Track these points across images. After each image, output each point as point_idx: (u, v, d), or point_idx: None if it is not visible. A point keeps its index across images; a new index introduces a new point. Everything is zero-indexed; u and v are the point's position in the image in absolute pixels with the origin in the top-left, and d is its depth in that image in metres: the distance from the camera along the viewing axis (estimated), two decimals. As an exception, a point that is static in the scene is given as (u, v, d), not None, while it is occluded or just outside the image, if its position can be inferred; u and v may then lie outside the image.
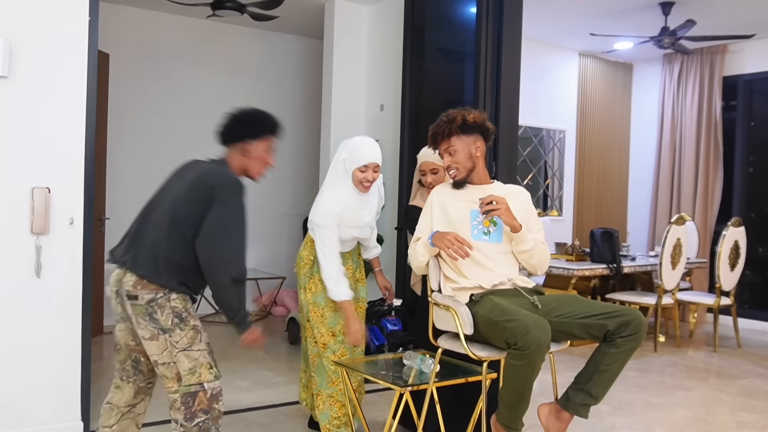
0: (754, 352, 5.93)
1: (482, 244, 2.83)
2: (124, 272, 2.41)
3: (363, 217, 3.30)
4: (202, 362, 2.40)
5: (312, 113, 7.34)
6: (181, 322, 2.38)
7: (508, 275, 2.82)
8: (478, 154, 2.90)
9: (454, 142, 2.86)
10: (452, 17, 5.38)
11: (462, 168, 2.87)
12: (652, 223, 7.89)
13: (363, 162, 3.17)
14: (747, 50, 7.13)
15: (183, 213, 2.37)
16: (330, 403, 3.28)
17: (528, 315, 2.49)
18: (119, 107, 6.18)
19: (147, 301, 2.35)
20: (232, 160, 2.57)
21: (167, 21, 6.59)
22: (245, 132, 2.55)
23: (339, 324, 3.33)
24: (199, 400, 2.37)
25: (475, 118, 2.87)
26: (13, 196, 3.15)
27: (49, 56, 3.22)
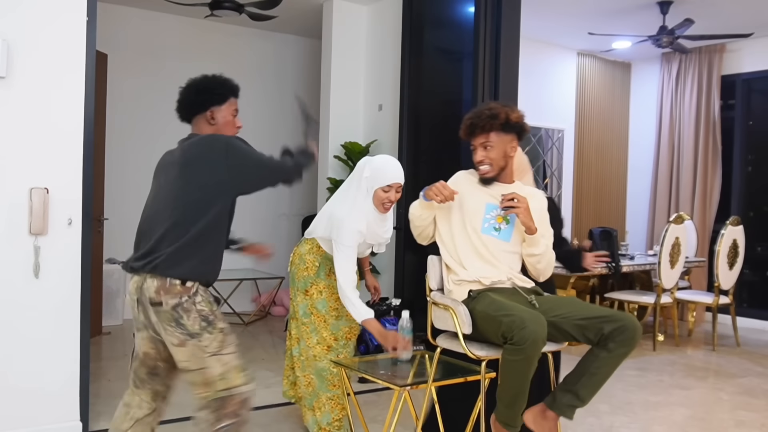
0: (752, 351, 5.93)
1: (490, 239, 2.81)
2: (143, 278, 2.31)
3: (382, 233, 3.28)
4: (232, 366, 2.32)
5: (310, 113, 7.33)
6: (209, 326, 2.29)
7: (509, 274, 2.82)
8: (512, 154, 2.86)
9: (492, 138, 2.80)
10: (450, 17, 5.39)
11: (495, 165, 2.82)
12: (651, 222, 7.89)
13: (387, 182, 3.13)
14: (745, 49, 7.14)
15: (198, 195, 2.30)
16: (331, 406, 3.28)
17: (525, 310, 2.50)
18: (117, 107, 6.17)
19: (172, 306, 2.26)
20: (202, 131, 2.48)
21: (165, 21, 6.58)
22: (209, 99, 2.47)
23: (341, 330, 3.33)
24: (229, 405, 2.29)
25: (519, 118, 2.84)
26: (12, 197, 3.15)
27: (48, 56, 3.22)
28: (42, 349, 3.22)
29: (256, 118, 6.89)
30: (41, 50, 3.20)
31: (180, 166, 2.35)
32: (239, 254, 3.01)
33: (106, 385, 4.28)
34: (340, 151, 5.97)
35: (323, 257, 3.33)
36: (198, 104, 2.48)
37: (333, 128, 6.07)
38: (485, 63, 4.57)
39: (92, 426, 3.48)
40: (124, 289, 6.23)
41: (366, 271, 3.67)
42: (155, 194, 2.47)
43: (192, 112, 2.50)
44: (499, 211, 2.81)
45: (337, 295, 3.31)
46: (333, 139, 6.06)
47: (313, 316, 3.32)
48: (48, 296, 3.23)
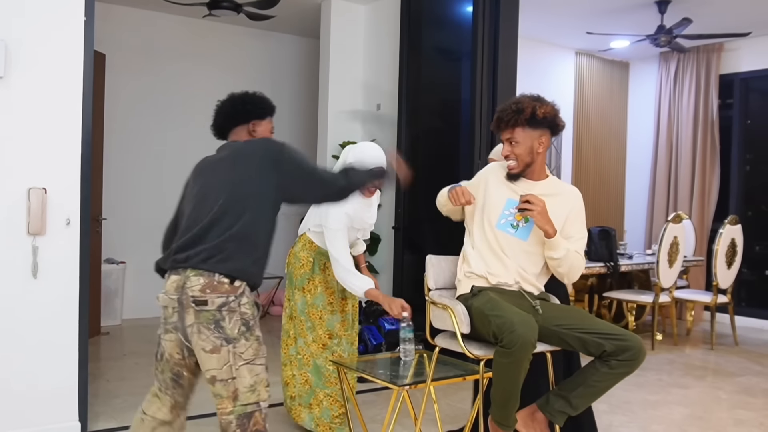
0: (751, 350, 5.93)
1: (504, 236, 2.76)
2: (186, 276, 2.18)
3: (368, 219, 3.34)
4: (262, 378, 2.24)
5: (309, 113, 7.34)
6: (248, 331, 2.20)
7: (517, 277, 2.76)
8: (540, 150, 2.77)
9: (517, 134, 2.73)
10: (449, 16, 5.39)
11: (520, 162, 2.76)
12: (649, 222, 7.89)
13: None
14: (743, 48, 7.14)
15: (252, 190, 2.25)
16: (329, 403, 3.30)
17: (516, 313, 2.47)
18: (115, 107, 6.16)
19: (218, 305, 2.15)
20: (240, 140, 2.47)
21: (163, 21, 6.58)
22: (252, 112, 2.48)
23: (336, 326, 3.34)
24: (254, 420, 2.20)
25: (546, 112, 2.73)
26: (10, 197, 3.14)
27: (45, 56, 3.21)
28: (40, 350, 3.22)
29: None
30: (39, 50, 3.20)
31: (231, 161, 2.32)
32: None
33: (105, 385, 4.28)
34: (338, 150, 5.96)
35: (317, 252, 3.36)
36: (242, 115, 2.48)
37: (331, 128, 6.07)
38: (483, 62, 4.57)
39: (91, 426, 3.47)
40: (123, 289, 6.22)
41: (363, 268, 3.68)
42: (200, 191, 2.35)
43: (234, 123, 2.49)
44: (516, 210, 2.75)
45: (331, 290, 3.36)
46: (331, 139, 6.06)
47: (310, 314, 3.33)
48: (46, 296, 3.22)
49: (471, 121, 4.67)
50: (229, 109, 2.50)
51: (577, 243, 2.76)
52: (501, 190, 2.80)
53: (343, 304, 3.44)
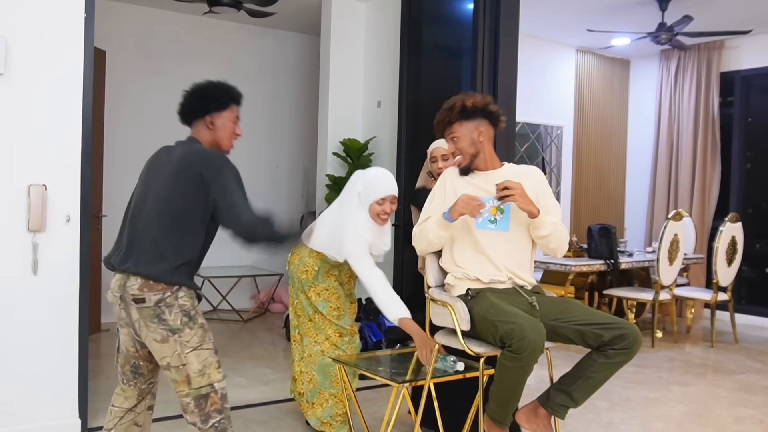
0: (751, 348, 5.94)
1: (487, 233, 2.77)
2: (127, 276, 2.33)
3: (381, 246, 3.27)
4: (211, 362, 2.35)
5: (309, 110, 7.33)
6: (190, 321, 2.33)
7: (509, 273, 2.78)
8: (482, 139, 2.80)
9: (455, 129, 2.80)
10: (449, 13, 5.38)
11: (465, 154, 2.80)
12: (650, 219, 7.89)
13: (381, 195, 3.14)
14: (744, 46, 7.13)
15: (181, 205, 2.33)
16: (334, 402, 3.31)
17: (525, 318, 2.47)
18: (116, 104, 6.16)
19: (155, 302, 2.29)
20: (200, 136, 2.50)
21: (164, 18, 6.57)
22: (209, 105, 2.49)
23: (345, 327, 3.34)
24: (211, 400, 2.33)
25: (475, 102, 2.79)
26: (10, 194, 3.14)
27: (46, 53, 3.21)
28: (40, 347, 3.22)
29: (255, 115, 6.88)
30: (39, 47, 3.20)
31: (174, 171, 2.37)
32: None
33: (105, 382, 4.28)
34: (339, 147, 5.96)
35: (322, 261, 3.35)
36: (199, 109, 2.49)
37: (332, 125, 6.07)
38: (484, 60, 4.57)
39: (91, 423, 3.48)
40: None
41: None
42: (143, 191, 2.47)
43: (192, 117, 2.51)
44: (492, 203, 2.74)
45: (336, 295, 3.34)
46: (332, 136, 6.06)
47: (315, 317, 3.34)
48: (46, 293, 3.23)
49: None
50: (188, 103, 2.52)
51: (556, 216, 2.81)
52: (466, 192, 2.78)
53: (351, 306, 3.46)
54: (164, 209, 2.34)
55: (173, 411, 3.61)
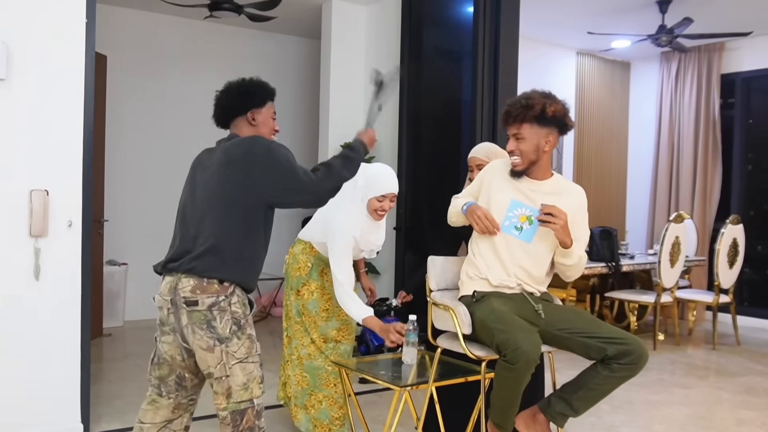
0: (753, 350, 5.93)
1: (509, 238, 2.71)
2: (178, 278, 2.25)
3: (375, 241, 3.29)
4: (255, 376, 2.28)
5: (310, 114, 7.34)
6: (239, 330, 2.25)
7: (518, 280, 2.73)
8: (547, 149, 2.69)
9: (525, 130, 2.66)
10: (450, 17, 5.39)
11: (525, 159, 2.68)
12: (651, 222, 7.89)
13: (382, 192, 3.14)
14: (744, 48, 7.13)
15: (234, 195, 2.27)
16: (328, 404, 3.29)
17: (520, 328, 2.45)
18: (117, 108, 6.17)
19: (208, 306, 2.21)
20: (242, 133, 2.47)
21: (164, 22, 6.59)
22: (249, 101, 2.47)
23: (330, 332, 3.33)
24: (247, 417, 2.25)
25: (556, 111, 2.66)
26: (12, 199, 3.15)
27: (47, 58, 3.22)
28: (42, 351, 3.22)
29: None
30: (41, 52, 3.20)
31: (220, 164, 2.33)
32: None
33: (107, 386, 4.28)
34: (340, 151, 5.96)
35: (316, 258, 3.34)
36: (239, 107, 2.47)
37: (333, 129, 6.07)
38: (484, 63, 4.57)
39: (93, 428, 3.48)
40: (125, 291, 6.23)
41: (361, 273, 3.67)
42: (190, 192, 2.42)
43: (233, 114, 2.49)
44: (523, 210, 2.68)
45: (328, 296, 3.33)
46: (333, 140, 6.06)
47: (304, 317, 3.33)
48: (48, 298, 3.23)
49: (472, 122, 4.67)
50: (226, 102, 2.50)
51: (583, 246, 2.75)
52: (505, 191, 2.73)
53: (340, 310, 3.35)
54: (216, 203, 2.29)
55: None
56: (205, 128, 4.50)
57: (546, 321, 2.62)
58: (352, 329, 3.41)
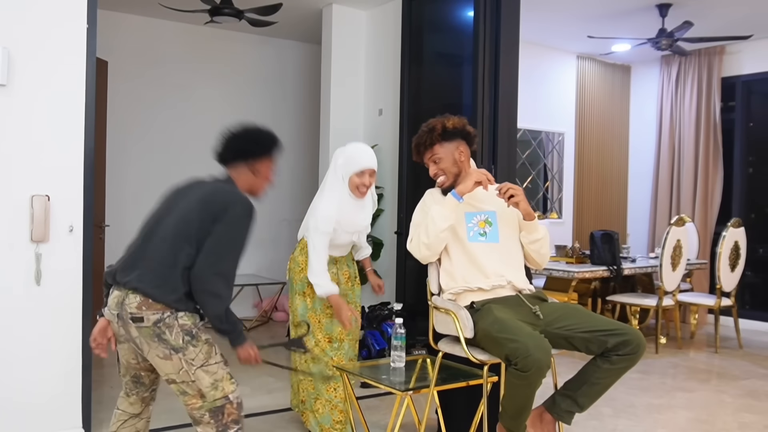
0: (755, 353, 5.92)
1: (479, 246, 2.84)
2: (125, 294, 2.28)
3: (360, 221, 3.35)
4: (221, 375, 2.31)
5: (311, 118, 7.35)
6: (193, 339, 2.27)
7: (508, 277, 2.80)
8: (463, 159, 2.92)
9: (437, 150, 2.90)
10: (450, 21, 5.39)
11: (449, 174, 2.90)
12: (652, 225, 7.89)
13: (359, 168, 3.23)
14: (745, 51, 7.14)
15: (195, 229, 2.28)
16: (329, 408, 3.30)
17: (530, 336, 2.45)
18: (118, 114, 6.18)
19: (153, 322, 2.23)
20: (239, 178, 2.48)
21: (165, 28, 6.60)
22: (255, 150, 2.48)
23: (335, 330, 3.34)
24: (228, 411, 2.30)
25: (455, 123, 2.90)
26: (13, 204, 3.15)
27: (48, 64, 3.22)
28: (44, 356, 3.22)
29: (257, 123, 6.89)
30: (42, 58, 3.21)
31: (201, 201, 2.35)
32: None
33: (109, 392, 4.28)
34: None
35: (348, 257, 3.43)
36: (246, 152, 2.48)
37: (333, 133, 6.08)
38: (485, 67, 4.57)
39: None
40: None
41: (368, 271, 3.70)
42: (164, 212, 2.42)
43: (236, 158, 2.49)
44: (479, 217, 2.86)
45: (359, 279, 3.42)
46: (333, 144, 6.06)
47: (310, 318, 3.35)
48: (49, 303, 3.23)
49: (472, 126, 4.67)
50: (234, 143, 2.50)
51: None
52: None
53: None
54: (182, 233, 2.30)
55: (178, 420, 3.61)
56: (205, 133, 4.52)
57: (545, 321, 2.65)
58: (356, 327, 3.41)
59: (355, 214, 3.31)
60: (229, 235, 2.29)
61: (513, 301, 2.74)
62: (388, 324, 4.92)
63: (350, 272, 3.51)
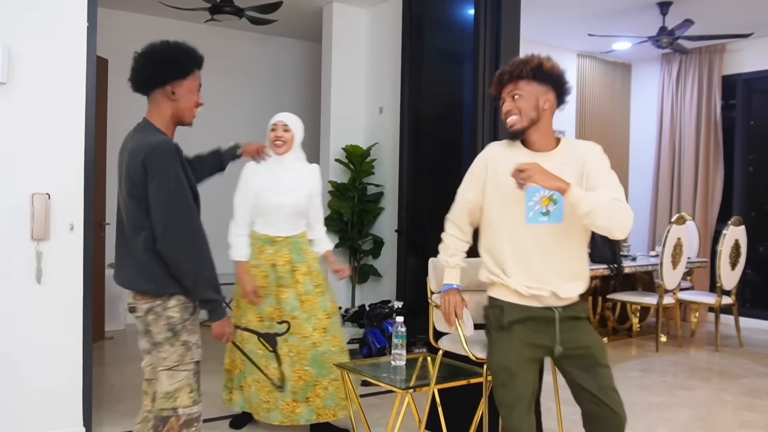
0: (755, 351, 5.92)
1: (540, 228, 2.37)
2: None
3: (283, 180, 3.44)
4: (183, 385, 2.19)
5: (311, 116, 7.34)
6: (173, 337, 2.18)
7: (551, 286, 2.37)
8: (546, 107, 2.39)
9: (522, 86, 2.37)
10: (450, 19, 5.39)
11: (524, 116, 2.37)
12: (653, 223, 7.88)
13: (272, 123, 3.48)
14: (745, 49, 7.14)
15: (138, 210, 2.13)
16: (336, 387, 3.38)
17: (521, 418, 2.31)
18: (118, 112, 6.17)
19: (145, 311, 2.19)
20: (159, 109, 2.25)
21: (166, 26, 6.59)
22: (171, 72, 2.23)
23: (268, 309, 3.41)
24: (169, 425, 2.18)
25: (554, 66, 2.42)
26: (13, 202, 3.15)
27: (48, 62, 3.22)
28: (44, 355, 3.22)
29: (256, 121, 6.89)
30: (42, 56, 3.21)
31: (126, 176, 2.18)
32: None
33: (109, 390, 4.28)
34: (341, 154, 5.97)
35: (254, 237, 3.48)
36: (159, 77, 2.23)
37: (334, 131, 6.08)
38: (485, 65, 4.57)
39: (95, 431, 3.47)
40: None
41: (331, 261, 3.65)
42: (120, 198, 2.29)
43: (151, 85, 2.26)
44: (543, 193, 2.33)
45: (264, 273, 3.41)
46: (334, 142, 6.07)
47: (303, 303, 3.39)
48: (50, 301, 3.23)
49: (473, 124, 4.67)
50: (144, 70, 2.25)
51: (608, 190, 2.32)
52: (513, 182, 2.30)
53: (279, 291, 3.41)
54: (133, 218, 2.17)
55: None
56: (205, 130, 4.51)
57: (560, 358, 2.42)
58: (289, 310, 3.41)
59: (277, 173, 3.43)
60: (160, 194, 2.08)
61: (544, 322, 2.39)
62: (388, 322, 4.92)
63: (293, 258, 3.44)
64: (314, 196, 3.57)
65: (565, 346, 2.39)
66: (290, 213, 3.44)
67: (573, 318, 2.42)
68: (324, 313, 3.43)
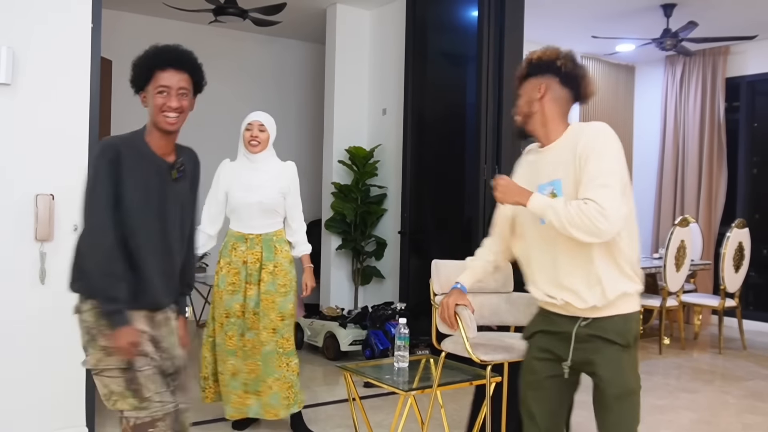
0: (759, 354, 5.91)
1: (541, 235, 2.23)
2: None
3: (251, 179, 3.46)
4: (112, 391, 2.04)
5: (315, 118, 7.35)
6: (91, 340, 2.08)
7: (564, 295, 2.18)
8: (538, 96, 2.24)
9: (522, 87, 2.32)
10: (454, 21, 5.39)
11: (520, 114, 2.30)
12: (656, 225, 7.87)
13: (247, 122, 3.53)
14: (749, 51, 7.12)
15: None
16: (279, 386, 3.40)
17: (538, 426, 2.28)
18: (122, 113, 6.18)
19: (75, 310, 2.17)
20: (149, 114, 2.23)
21: (170, 27, 6.61)
22: (134, 81, 2.24)
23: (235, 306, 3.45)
24: (123, 427, 2.07)
25: (542, 55, 2.27)
26: (17, 203, 3.16)
27: (53, 63, 3.23)
28: (48, 355, 3.23)
29: (261, 123, 6.91)
30: (46, 57, 3.21)
31: None
32: None
33: (112, 390, 4.28)
34: (345, 155, 5.97)
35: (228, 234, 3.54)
36: (134, 86, 2.29)
37: (337, 133, 6.08)
38: (489, 67, 4.58)
39: (98, 431, 3.48)
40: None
41: (306, 267, 3.67)
42: None
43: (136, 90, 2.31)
44: (549, 189, 2.20)
45: (235, 270, 3.45)
46: (337, 144, 6.07)
47: (263, 302, 3.42)
48: (54, 302, 3.23)
49: (477, 125, 4.67)
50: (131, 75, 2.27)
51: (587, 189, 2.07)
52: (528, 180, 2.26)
53: (247, 287, 3.44)
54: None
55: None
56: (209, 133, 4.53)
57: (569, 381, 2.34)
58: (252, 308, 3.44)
59: (248, 172, 3.48)
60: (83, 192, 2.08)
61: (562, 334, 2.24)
62: (391, 324, 4.92)
63: (263, 256, 3.45)
64: (289, 195, 3.54)
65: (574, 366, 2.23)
66: (259, 210, 3.46)
67: (597, 337, 2.20)
68: (278, 315, 3.43)
